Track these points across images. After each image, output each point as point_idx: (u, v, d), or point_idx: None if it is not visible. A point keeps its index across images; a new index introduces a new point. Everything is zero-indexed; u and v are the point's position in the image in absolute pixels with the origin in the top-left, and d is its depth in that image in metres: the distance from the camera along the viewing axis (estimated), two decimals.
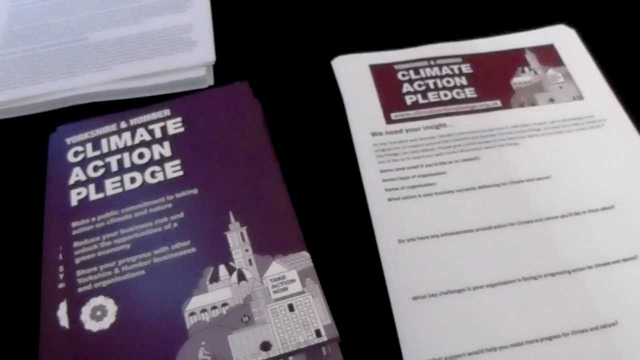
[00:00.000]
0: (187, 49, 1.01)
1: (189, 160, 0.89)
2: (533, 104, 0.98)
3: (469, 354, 0.77)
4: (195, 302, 0.79)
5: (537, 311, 0.80)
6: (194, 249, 0.82)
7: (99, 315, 0.79)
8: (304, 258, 0.80)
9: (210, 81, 0.99)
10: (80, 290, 0.80)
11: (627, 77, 1.03)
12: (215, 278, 0.80)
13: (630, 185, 0.90)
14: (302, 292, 0.79)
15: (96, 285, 0.80)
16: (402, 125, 0.95)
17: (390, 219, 0.86)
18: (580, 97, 0.99)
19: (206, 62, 1.00)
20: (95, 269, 0.81)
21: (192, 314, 0.78)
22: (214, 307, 0.78)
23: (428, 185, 0.89)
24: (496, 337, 0.78)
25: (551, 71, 1.02)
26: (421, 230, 0.85)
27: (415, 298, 0.80)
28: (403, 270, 0.82)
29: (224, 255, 0.81)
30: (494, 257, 0.84)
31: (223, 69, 1.01)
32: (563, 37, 1.08)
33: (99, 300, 0.80)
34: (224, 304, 0.78)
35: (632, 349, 0.78)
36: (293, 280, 0.80)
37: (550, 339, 0.78)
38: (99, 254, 0.82)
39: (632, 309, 0.80)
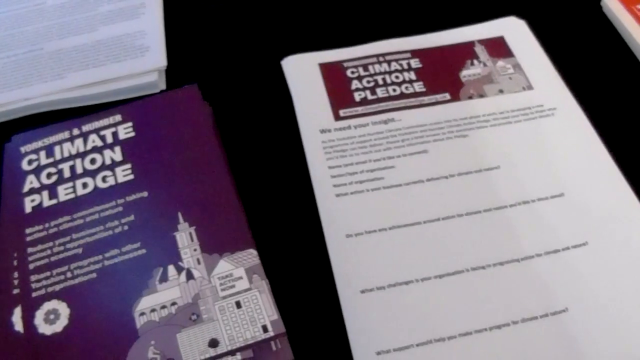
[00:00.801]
0: (139, 55, 1.02)
1: (139, 164, 0.90)
2: (482, 95, 0.99)
3: (417, 345, 0.78)
4: (145, 302, 0.79)
5: (486, 300, 0.81)
6: (144, 251, 0.83)
7: (52, 319, 0.79)
8: (251, 255, 0.81)
9: (162, 86, 1.00)
10: (34, 295, 0.80)
11: (577, 66, 1.04)
12: (164, 278, 0.81)
13: (580, 172, 0.91)
14: (249, 289, 0.80)
15: (49, 289, 0.81)
16: (350, 122, 0.95)
17: (338, 214, 0.87)
18: (530, 87, 1.00)
19: (158, 67, 1.01)
20: (48, 273, 0.82)
21: (142, 314, 0.79)
22: (163, 307, 0.79)
23: (376, 180, 0.90)
24: (445, 327, 0.79)
25: (501, 62, 1.03)
26: (369, 224, 0.86)
27: (363, 291, 0.81)
28: (351, 265, 0.83)
29: (173, 256, 0.82)
30: (442, 249, 0.84)
31: (175, 73, 1.02)
32: (513, 29, 1.09)
33: (53, 304, 0.80)
34: (173, 303, 0.79)
35: (582, 335, 0.79)
36: (240, 278, 0.80)
37: (499, 327, 0.79)
38: (52, 259, 0.83)
39: (582, 295, 0.81)
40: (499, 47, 1.06)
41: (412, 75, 1.01)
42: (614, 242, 0.84)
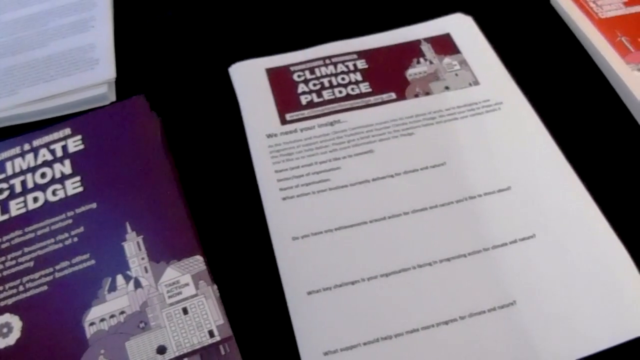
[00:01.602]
0: (89, 68, 1.03)
1: (88, 176, 0.91)
2: (428, 93, 1.00)
3: (365, 344, 0.79)
4: (95, 312, 0.80)
5: (433, 297, 0.82)
6: (93, 261, 0.84)
7: (5, 332, 0.80)
8: (198, 262, 0.82)
9: (113, 98, 1.01)
10: None
11: (524, 60, 1.05)
12: (113, 288, 0.82)
13: (527, 165, 0.92)
14: (196, 295, 0.81)
15: (2, 303, 0.82)
16: (296, 125, 0.96)
17: (285, 217, 0.88)
18: (476, 83, 1.01)
19: (107, 79, 1.02)
20: (1, 288, 0.83)
21: (92, 323, 0.80)
22: (112, 316, 0.80)
23: (322, 182, 0.91)
24: (391, 325, 0.80)
25: (447, 59, 1.04)
26: (315, 226, 0.87)
27: (310, 293, 0.82)
28: (297, 267, 0.84)
29: (122, 265, 0.83)
30: (388, 247, 0.85)
31: (126, 85, 1.03)
32: (459, 26, 1.10)
33: (5, 317, 0.81)
34: (122, 312, 0.80)
35: (530, 327, 0.80)
36: (187, 284, 0.81)
37: (447, 323, 0.80)
38: (5, 273, 0.84)
39: (530, 287, 0.82)
40: (445, 45, 1.07)
41: (358, 77, 1.02)
42: (562, 234, 0.85)
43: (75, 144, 0.96)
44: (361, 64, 1.04)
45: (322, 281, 0.83)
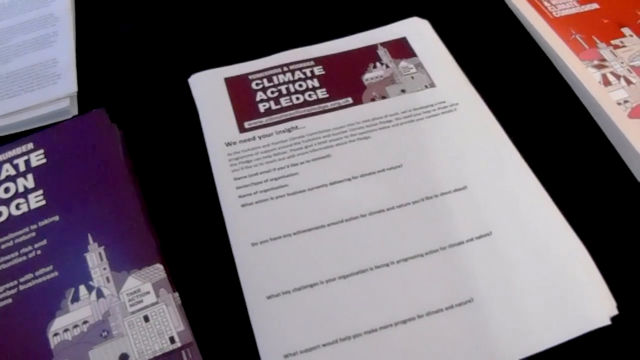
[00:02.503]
0: (51, 82, 1.05)
1: (51, 189, 0.92)
2: (384, 96, 1.01)
3: (324, 345, 0.80)
4: (59, 323, 0.82)
5: (391, 297, 0.83)
6: (56, 273, 0.85)
7: None
8: (158, 270, 0.84)
9: (75, 111, 1.02)
10: None
11: (480, 61, 1.07)
12: (76, 298, 0.83)
13: (482, 164, 0.94)
14: (157, 303, 0.82)
15: None
16: (255, 133, 0.98)
17: (244, 224, 0.89)
18: (432, 85, 1.03)
19: (69, 93, 1.03)
20: None
21: (56, 334, 0.81)
22: (76, 326, 0.81)
23: (280, 188, 0.92)
24: (350, 326, 0.81)
25: (403, 63, 1.06)
26: (274, 231, 0.88)
27: (269, 297, 0.83)
28: (257, 272, 0.85)
29: (84, 276, 0.84)
30: (346, 250, 0.87)
31: (89, 99, 1.04)
32: (415, 29, 1.11)
33: None
34: (85, 322, 0.81)
35: (488, 324, 0.81)
36: (148, 292, 0.83)
37: (404, 322, 0.81)
38: None
39: (487, 284, 0.83)
40: (401, 48, 1.08)
41: (316, 83, 1.03)
42: (519, 231, 0.87)
43: (37, 159, 0.97)
44: (318, 70, 1.06)
45: (281, 285, 0.84)
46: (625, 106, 0.96)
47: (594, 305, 0.82)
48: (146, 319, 0.82)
